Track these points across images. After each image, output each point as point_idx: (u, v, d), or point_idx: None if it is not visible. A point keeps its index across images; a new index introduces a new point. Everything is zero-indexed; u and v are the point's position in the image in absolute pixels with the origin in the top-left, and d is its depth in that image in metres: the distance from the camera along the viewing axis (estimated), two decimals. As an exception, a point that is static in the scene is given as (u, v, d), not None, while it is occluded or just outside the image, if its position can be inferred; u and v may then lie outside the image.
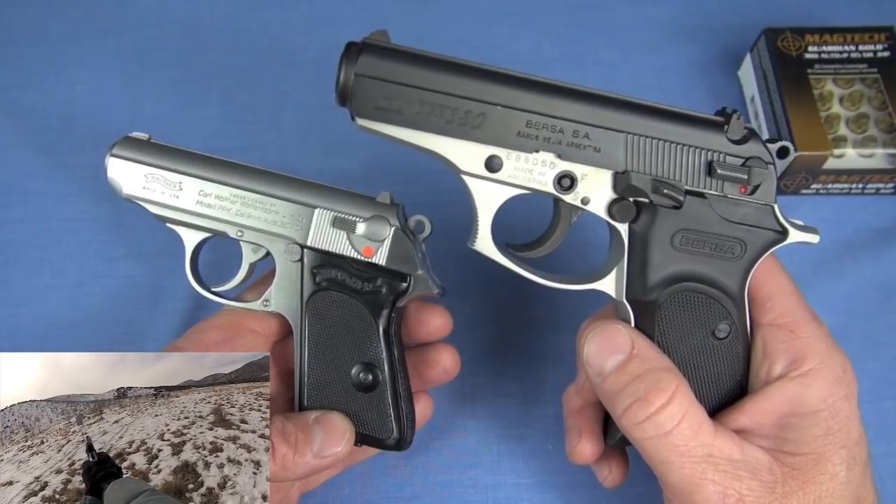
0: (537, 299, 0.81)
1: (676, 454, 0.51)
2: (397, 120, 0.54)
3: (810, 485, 0.51)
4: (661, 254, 0.55)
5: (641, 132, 0.54)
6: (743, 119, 0.55)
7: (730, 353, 0.56)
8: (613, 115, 0.54)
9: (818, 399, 0.52)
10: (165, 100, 0.93)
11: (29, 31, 0.98)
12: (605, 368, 0.54)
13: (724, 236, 0.55)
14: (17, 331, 0.79)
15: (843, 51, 0.85)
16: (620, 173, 0.55)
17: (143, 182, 0.61)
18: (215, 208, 0.61)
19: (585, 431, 0.62)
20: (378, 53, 0.53)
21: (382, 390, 0.61)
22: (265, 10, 1.00)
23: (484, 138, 0.54)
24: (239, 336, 0.64)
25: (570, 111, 0.54)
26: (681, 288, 0.55)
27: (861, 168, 0.81)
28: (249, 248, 0.64)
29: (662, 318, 0.56)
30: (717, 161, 0.54)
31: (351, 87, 0.53)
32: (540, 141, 0.54)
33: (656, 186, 0.54)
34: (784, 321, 0.56)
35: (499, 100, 0.53)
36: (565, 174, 0.55)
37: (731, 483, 0.50)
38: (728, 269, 0.55)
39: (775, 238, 0.56)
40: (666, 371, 0.53)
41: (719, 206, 0.55)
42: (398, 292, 0.61)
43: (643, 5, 1.00)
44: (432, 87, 0.53)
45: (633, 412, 0.52)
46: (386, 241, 0.61)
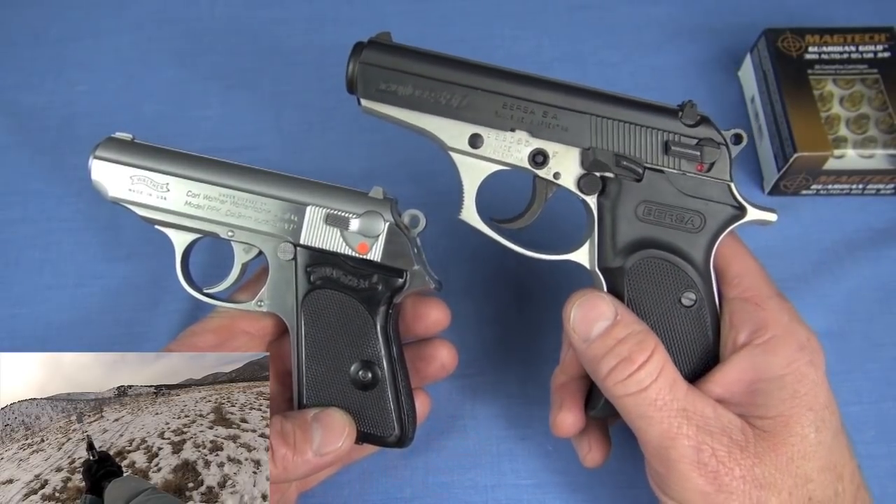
0: (537, 299, 0.81)
1: (654, 408, 0.54)
2: (395, 101, 0.62)
3: (781, 446, 0.53)
4: (626, 223, 0.61)
5: (604, 115, 0.61)
6: (697, 107, 0.61)
7: (697, 320, 0.60)
8: (578, 100, 0.62)
9: (782, 364, 0.55)
10: (165, 100, 0.93)
11: (29, 31, 0.98)
12: (591, 334, 0.57)
13: (683, 209, 0.61)
14: (17, 331, 0.79)
15: (844, 51, 0.85)
16: (586, 150, 0.62)
17: (129, 184, 0.60)
18: (204, 209, 0.60)
19: (567, 403, 0.64)
20: (380, 48, 0.62)
21: (382, 388, 0.61)
22: (265, 10, 1.00)
23: (468, 118, 0.62)
24: (233, 339, 0.64)
25: (540, 96, 0.62)
26: (646, 254, 0.61)
27: (861, 169, 0.81)
28: (241, 248, 0.63)
29: (630, 284, 0.61)
30: (672, 140, 0.61)
31: (356, 74, 0.61)
32: (515, 121, 0.62)
33: (618, 161, 0.61)
34: (749, 294, 0.59)
35: (479, 85, 0.61)
36: (538, 151, 0.62)
37: (705, 438, 0.53)
38: (690, 241, 0.61)
39: (734, 214, 0.61)
40: (645, 332, 0.57)
41: (678, 181, 0.61)
42: (394, 288, 0.61)
43: (643, 5, 1.00)
44: (424, 74, 0.61)
45: (617, 371, 0.55)
46: (380, 237, 0.61)
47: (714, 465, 0.52)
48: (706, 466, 0.52)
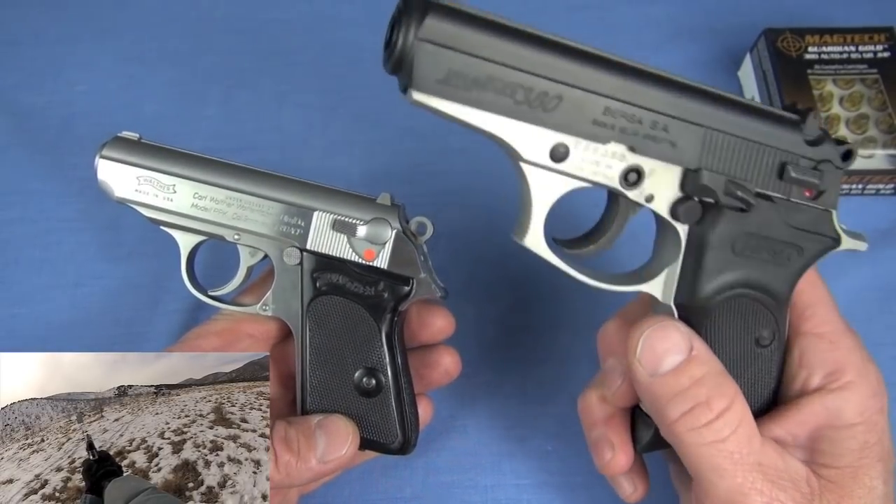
0: (538, 300, 0.81)
1: (731, 461, 0.49)
2: (460, 97, 0.45)
3: (848, 499, 0.50)
4: (720, 258, 0.51)
5: (721, 127, 0.49)
6: (819, 119, 0.51)
7: (769, 361, 0.54)
8: (694, 106, 0.49)
9: (856, 412, 0.51)
10: (165, 100, 0.93)
11: (29, 32, 0.98)
12: (661, 368, 0.50)
13: (784, 242, 0.52)
14: (16, 331, 0.79)
15: (843, 51, 0.85)
16: (692, 171, 0.50)
17: (136, 184, 0.60)
18: (211, 211, 0.60)
19: (619, 442, 0.58)
20: (447, 15, 0.44)
21: (386, 395, 0.61)
22: (265, 10, 1.00)
23: (555, 124, 0.47)
24: (236, 342, 0.63)
25: (652, 99, 0.48)
26: (734, 294, 0.52)
27: (861, 168, 0.81)
28: (247, 252, 0.62)
29: (712, 325, 0.53)
30: (791, 163, 0.51)
31: (411, 53, 0.43)
32: (616, 131, 0.48)
33: (729, 188, 0.50)
34: (823, 330, 0.54)
35: (579, 81, 0.47)
36: (634, 168, 0.49)
37: (777, 493, 0.49)
38: (781, 276, 0.53)
39: (829, 245, 0.54)
40: (724, 376, 0.51)
41: (783, 210, 0.52)
42: (400, 296, 0.60)
43: (643, 5, 1.00)
44: (508, 62, 0.45)
45: (692, 416, 0.49)
46: (387, 244, 0.60)
47: None
48: None
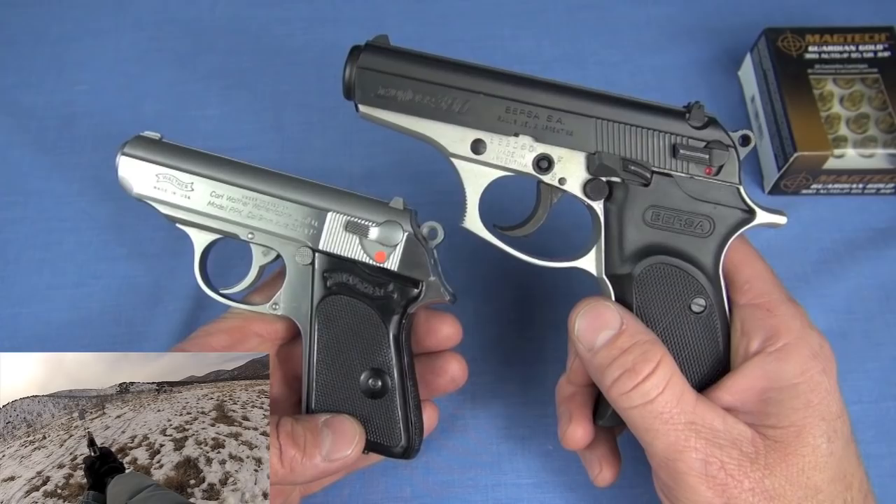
0: (537, 300, 0.81)
1: (660, 421, 0.53)
2: (394, 106, 0.60)
3: (792, 456, 0.52)
4: (634, 228, 0.60)
5: (610, 118, 0.60)
6: (704, 108, 0.60)
7: (707, 327, 0.59)
8: (584, 104, 0.60)
9: (795, 372, 0.54)
10: (165, 100, 0.93)
11: (29, 31, 0.98)
12: (596, 343, 0.56)
13: (692, 213, 0.60)
14: (17, 331, 0.79)
15: (844, 51, 0.86)
16: (592, 154, 0.60)
17: (154, 182, 0.61)
18: (227, 210, 0.61)
19: (575, 415, 0.62)
20: (377, 51, 0.60)
21: (391, 397, 0.61)
22: (265, 10, 1.00)
23: (469, 123, 0.60)
24: (245, 340, 0.64)
25: (544, 99, 0.60)
26: (654, 261, 0.59)
27: (861, 168, 0.81)
28: (260, 251, 0.63)
29: (639, 291, 0.59)
30: (680, 143, 0.60)
31: (354, 79, 0.60)
32: (518, 125, 0.60)
33: (625, 165, 0.60)
34: (761, 301, 0.58)
35: (481, 89, 0.60)
36: (543, 156, 0.61)
37: (714, 451, 0.52)
38: (700, 246, 0.60)
39: (744, 217, 0.60)
40: (651, 343, 0.55)
41: (686, 185, 0.60)
42: (409, 298, 0.61)
43: (643, 5, 1.00)
44: (424, 78, 0.60)
45: (621, 382, 0.54)
46: (398, 247, 0.61)
47: (723, 478, 0.52)
48: (714, 479, 0.52)
